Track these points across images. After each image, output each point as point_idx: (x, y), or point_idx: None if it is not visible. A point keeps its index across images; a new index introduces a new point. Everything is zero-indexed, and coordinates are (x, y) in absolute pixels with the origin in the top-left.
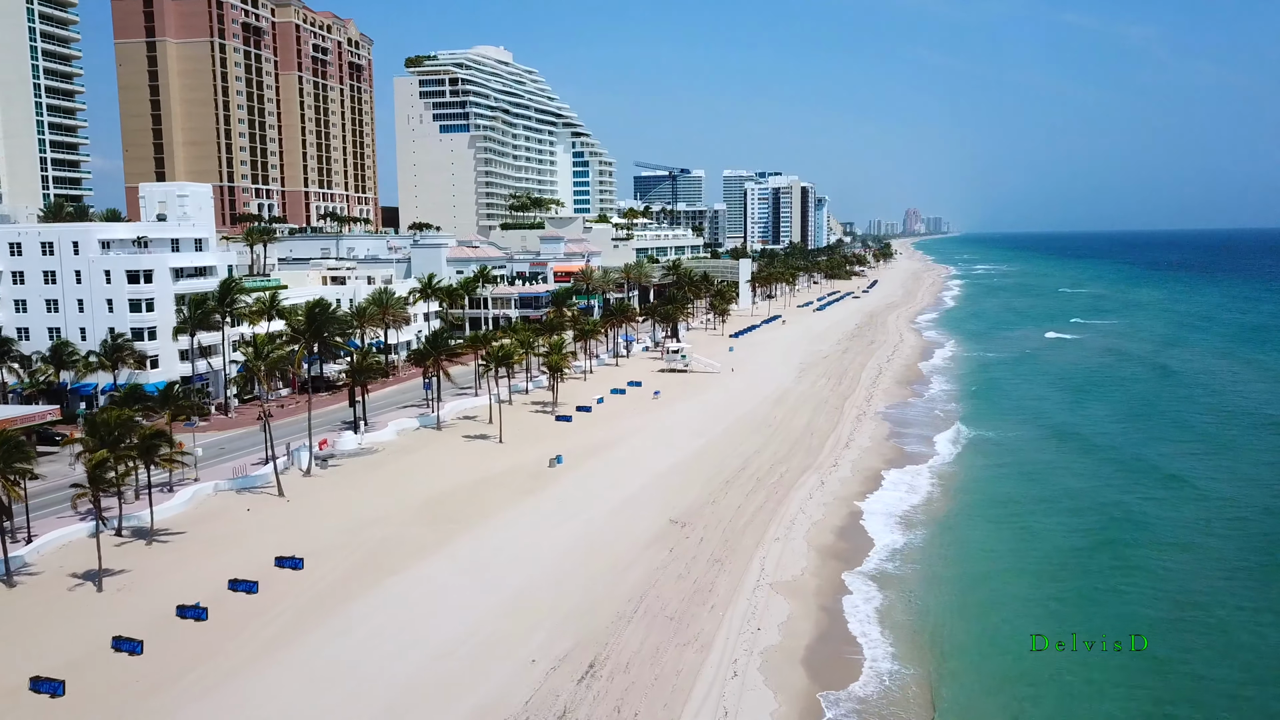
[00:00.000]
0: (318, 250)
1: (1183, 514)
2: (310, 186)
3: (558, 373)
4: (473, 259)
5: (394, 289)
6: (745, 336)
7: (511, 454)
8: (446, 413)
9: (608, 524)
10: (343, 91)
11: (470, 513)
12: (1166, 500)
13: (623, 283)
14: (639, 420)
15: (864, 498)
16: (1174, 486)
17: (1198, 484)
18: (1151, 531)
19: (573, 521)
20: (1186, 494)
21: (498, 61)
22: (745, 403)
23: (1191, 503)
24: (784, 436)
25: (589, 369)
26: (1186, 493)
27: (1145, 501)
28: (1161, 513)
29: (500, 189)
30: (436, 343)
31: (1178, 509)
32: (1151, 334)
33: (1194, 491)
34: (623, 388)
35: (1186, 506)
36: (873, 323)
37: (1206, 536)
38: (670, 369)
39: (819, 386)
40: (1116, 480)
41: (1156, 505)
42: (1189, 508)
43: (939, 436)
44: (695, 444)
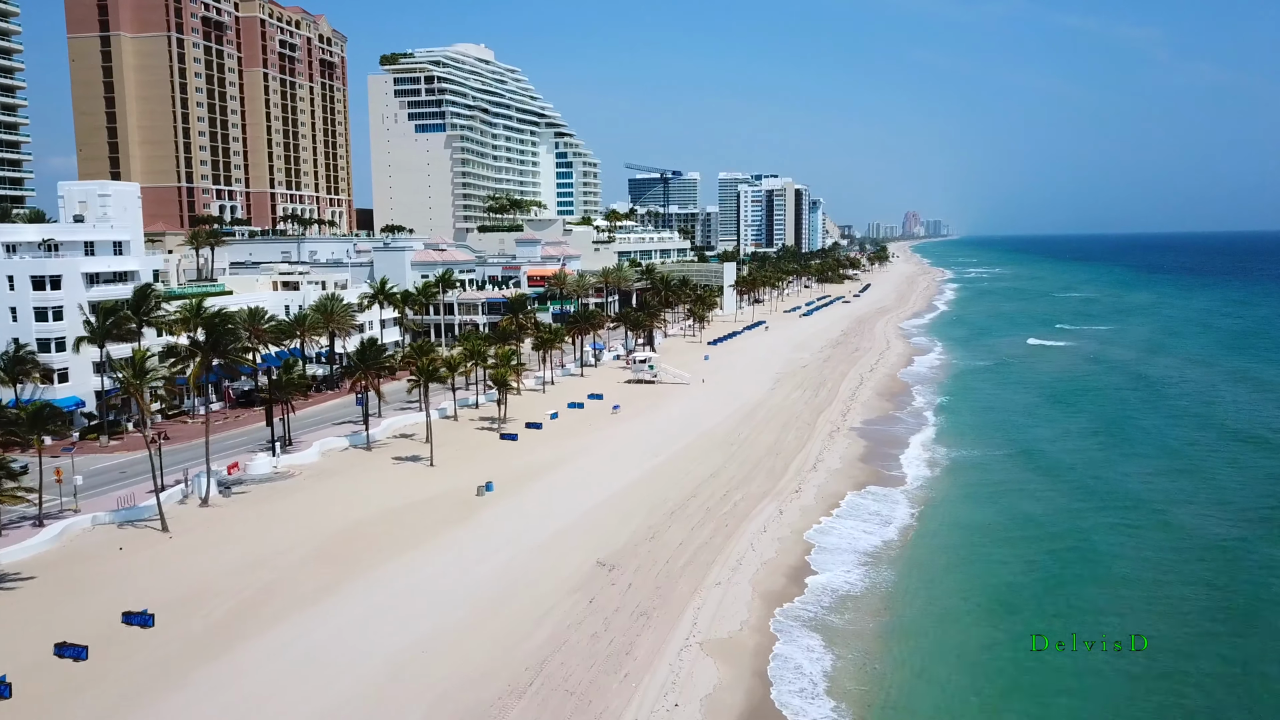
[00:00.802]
0: (278, 254)
1: (1159, 542)
2: (277, 188)
3: (505, 387)
4: (439, 263)
5: (343, 295)
6: (724, 344)
7: (441, 478)
8: (381, 430)
9: (529, 565)
10: (313, 90)
11: (379, 549)
12: (1146, 526)
13: (601, 287)
14: (591, 438)
15: (826, 531)
16: (1147, 511)
17: (1165, 506)
18: (1130, 561)
19: (490, 561)
20: (1156, 518)
21: (477, 60)
22: (711, 417)
23: (1160, 529)
24: (746, 456)
25: (550, 380)
26: (1156, 517)
27: (1125, 528)
28: (1141, 540)
29: (479, 190)
30: (365, 356)
31: (1156, 535)
32: (1136, 340)
33: (1161, 515)
34: (581, 401)
35: (1157, 532)
36: (860, 329)
37: (1187, 563)
38: (637, 380)
39: (793, 399)
40: (1096, 509)
41: (1135, 532)
42: (1158, 534)
43: (916, 457)
44: (647, 465)
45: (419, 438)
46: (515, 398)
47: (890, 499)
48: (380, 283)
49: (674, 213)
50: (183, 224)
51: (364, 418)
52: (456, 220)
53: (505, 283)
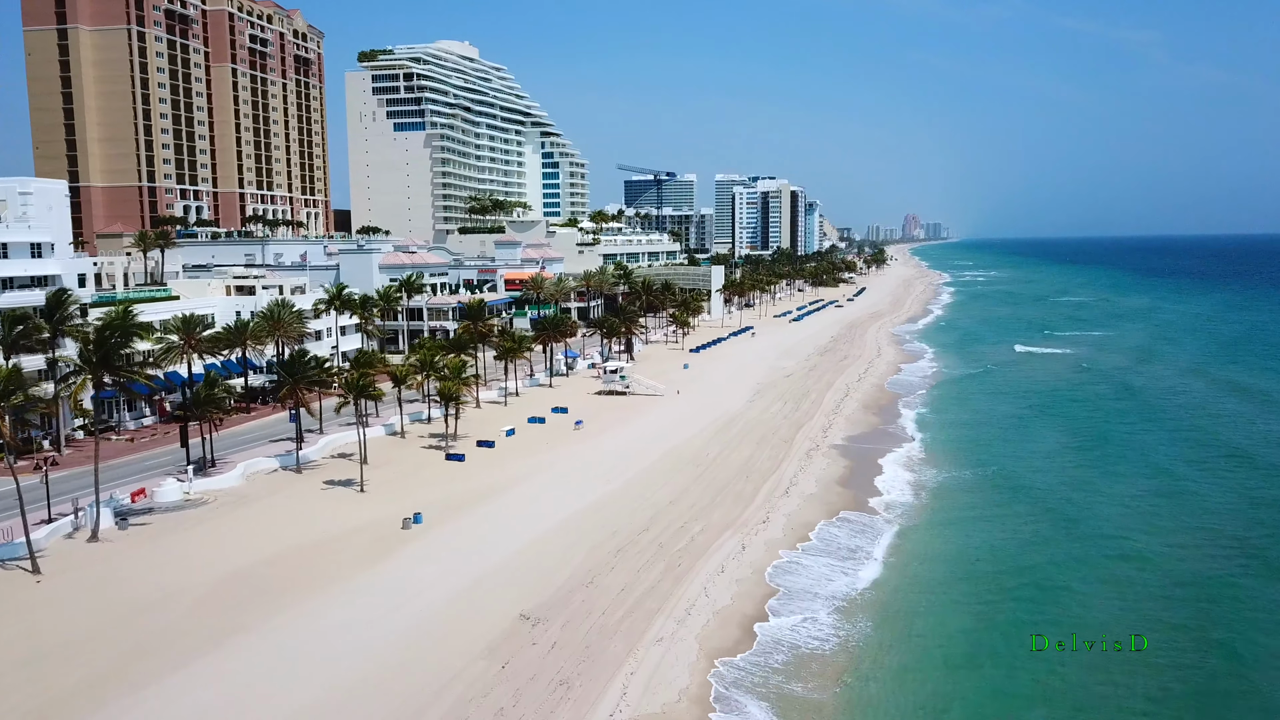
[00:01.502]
0: (241, 256)
1: (1147, 571)
2: (246, 188)
3: (453, 402)
4: (408, 266)
5: (295, 300)
6: (707, 351)
7: (370, 507)
8: (317, 450)
9: (443, 617)
10: (286, 87)
11: (280, 594)
12: (1132, 557)
13: (584, 291)
14: (546, 458)
15: (792, 570)
16: (1133, 542)
17: (1149, 532)
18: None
19: (400, 612)
20: (1141, 547)
21: (461, 57)
22: (680, 433)
23: (1143, 561)
24: (713, 479)
25: (515, 391)
26: (1141, 546)
27: (1108, 560)
28: (1128, 572)
29: (460, 191)
30: (293, 368)
31: (1140, 570)
32: (1129, 347)
33: (1145, 544)
34: (544, 415)
35: (1140, 567)
36: (851, 334)
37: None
38: (609, 391)
39: (773, 412)
40: (1080, 539)
41: (1119, 565)
42: (1143, 569)
43: (898, 479)
44: (601, 491)
45: (358, 458)
46: (474, 411)
47: (868, 529)
48: (336, 287)
49: (668, 214)
50: (144, 225)
51: (296, 436)
52: (436, 222)
53: (480, 286)
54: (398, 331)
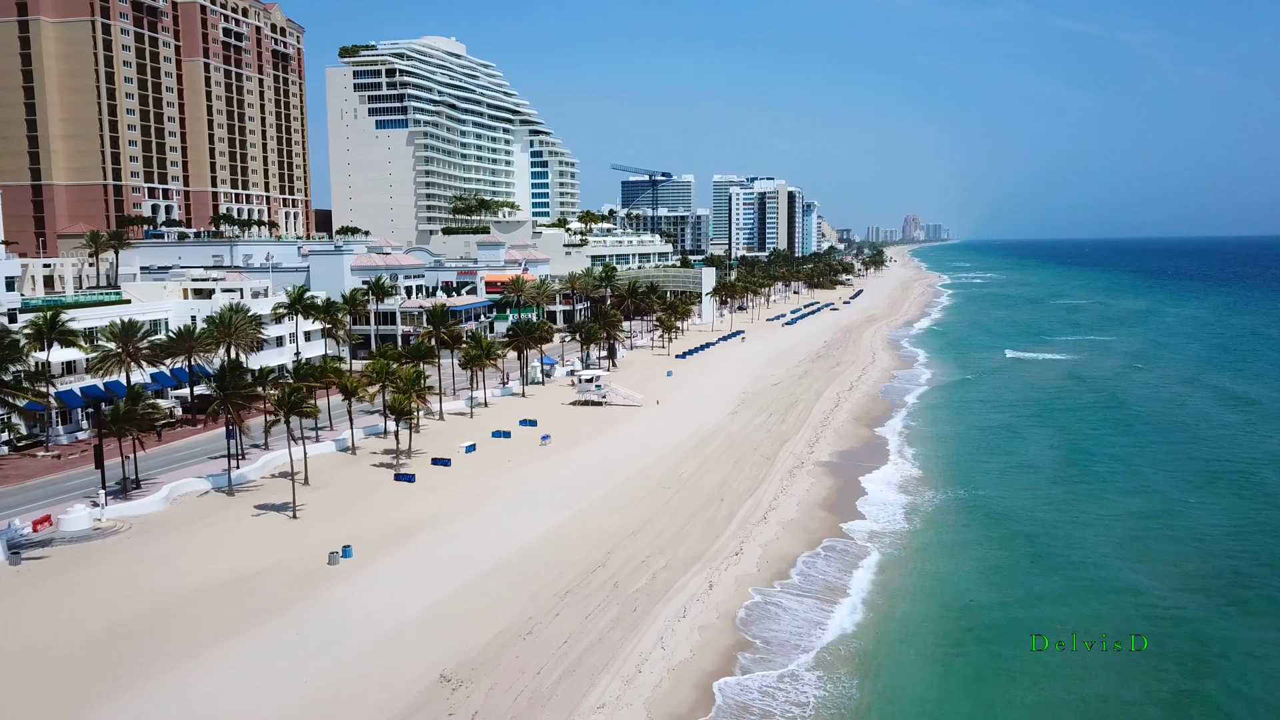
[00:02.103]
0: (209, 258)
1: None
2: (220, 186)
3: (404, 417)
4: (382, 267)
5: (250, 305)
6: (694, 357)
7: (299, 537)
8: (258, 468)
9: (349, 679)
10: (263, 82)
11: (178, 642)
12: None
13: (569, 293)
14: (504, 478)
15: (766, 613)
16: (1120, 574)
17: (1134, 563)
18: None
19: (305, 670)
20: (1128, 581)
21: (446, 53)
22: (655, 449)
23: (1133, 596)
24: (683, 505)
25: (484, 402)
26: (1127, 579)
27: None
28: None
29: (445, 190)
30: (225, 381)
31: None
32: (1122, 352)
33: (1134, 578)
34: (509, 429)
35: (1125, 603)
36: (845, 339)
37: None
38: (584, 401)
39: (756, 424)
40: (1069, 571)
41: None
42: (1129, 606)
43: (889, 501)
44: (557, 519)
45: (301, 476)
46: (437, 425)
47: (853, 561)
48: (298, 290)
49: (663, 215)
50: (109, 225)
51: (230, 455)
52: (420, 222)
53: (459, 289)
54: (368, 336)
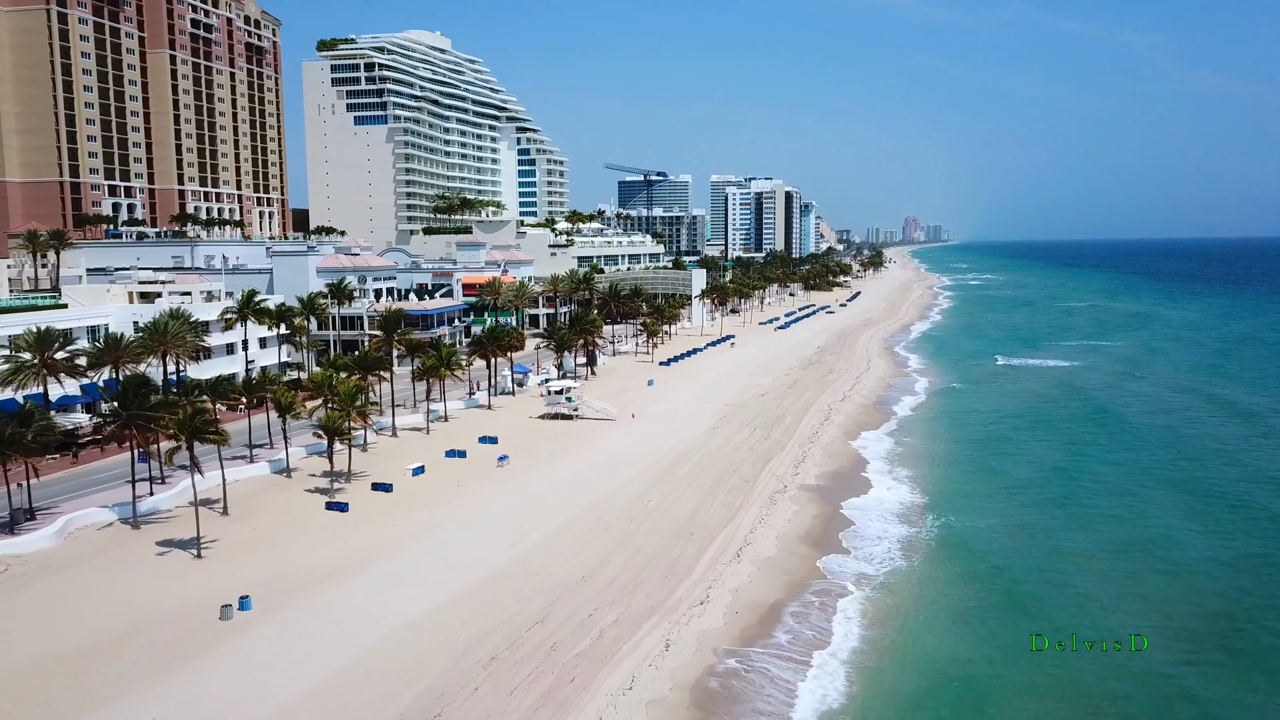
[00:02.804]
0: (169, 259)
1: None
2: (187, 184)
3: (337, 438)
4: (349, 269)
5: (192, 310)
6: (679, 364)
7: (201, 580)
8: (176, 494)
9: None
10: (235, 76)
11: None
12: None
13: (552, 296)
14: (447, 508)
15: (728, 681)
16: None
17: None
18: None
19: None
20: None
21: (430, 48)
22: (622, 472)
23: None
24: (645, 541)
25: (445, 415)
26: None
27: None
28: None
29: (426, 189)
30: (127, 399)
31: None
32: (1125, 358)
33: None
34: (465, 448)
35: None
36: (840, 344)
37: None
38: (554, 415)
39: (738, 441)
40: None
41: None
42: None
43: (880, 533)
44: (498, 559)
45: (219, 506)
46: (389, 442)
47: (838, 609)
48: (246, 294)
49: (658, 215)
50: (65, 224)
51: (133, 482)
52: (400, 222)
53: (435, 292)
54: (334, 342)
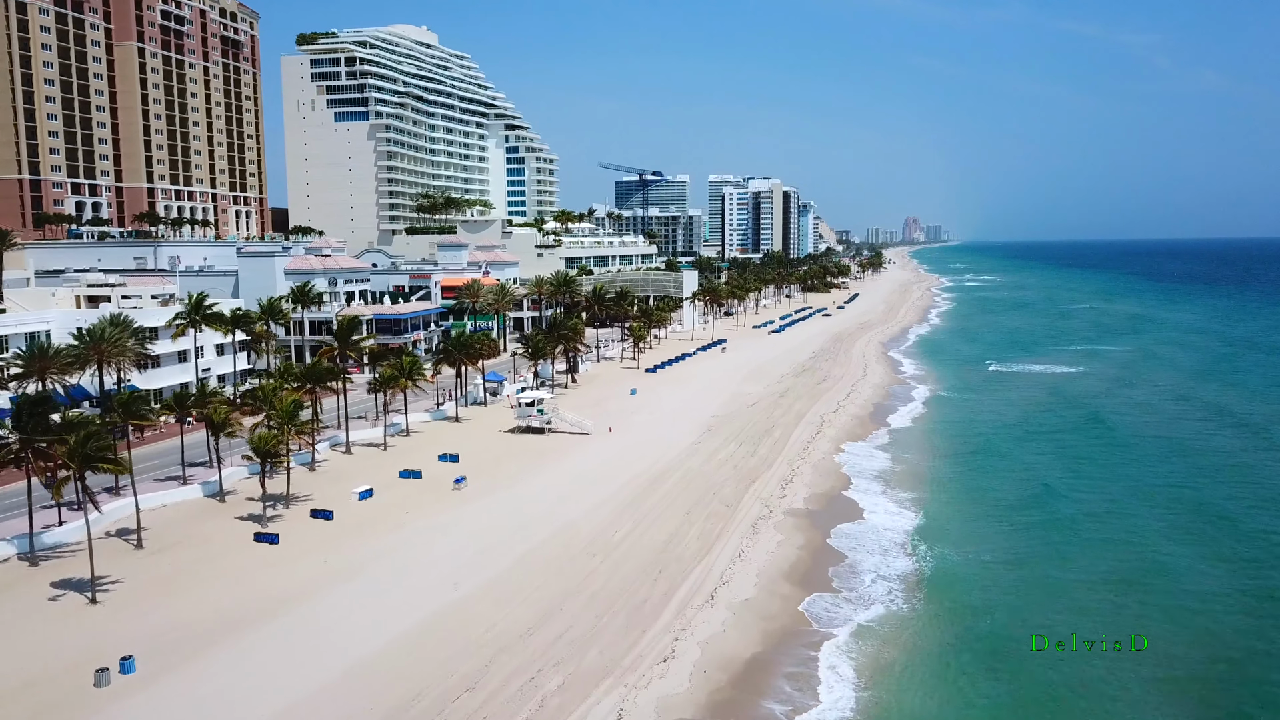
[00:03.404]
0: (131, 260)
1: None
2: (157, 182)
3: (270, 460)
4: (319, 271)
5: (134, 316)
6: (666, 371)
7: (88, 631)
8: (79, 528)
9: None
10: (209, 70)
11: None
12: None
13: (538, 299)
14: (388, 540)
15: None
16: None
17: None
18: None
19: None
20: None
21: (415, 42)
22: (591, 495)
23: None
24: (610, 578)
25: (406, 429)
26: None
27: None
28: None
29: (410, 188)
30: (21, 419)
31: None
32: (1131, 364)
33: None
34: (423, 466)
35: None
36: (837, 348)
37: None
38: (525, 429)
39: (722, 458)
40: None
41: None
42: None
43: (871, 568)
44: (434, 604)
45: (146, 532)
46: (341, 459)
47: (824, 666)
48: (195, 299)
49: (653, 216)
50: (25, 223)
51: (30, 514)
52: (382, 221)
53: (412, 295)
54: (302, 346)
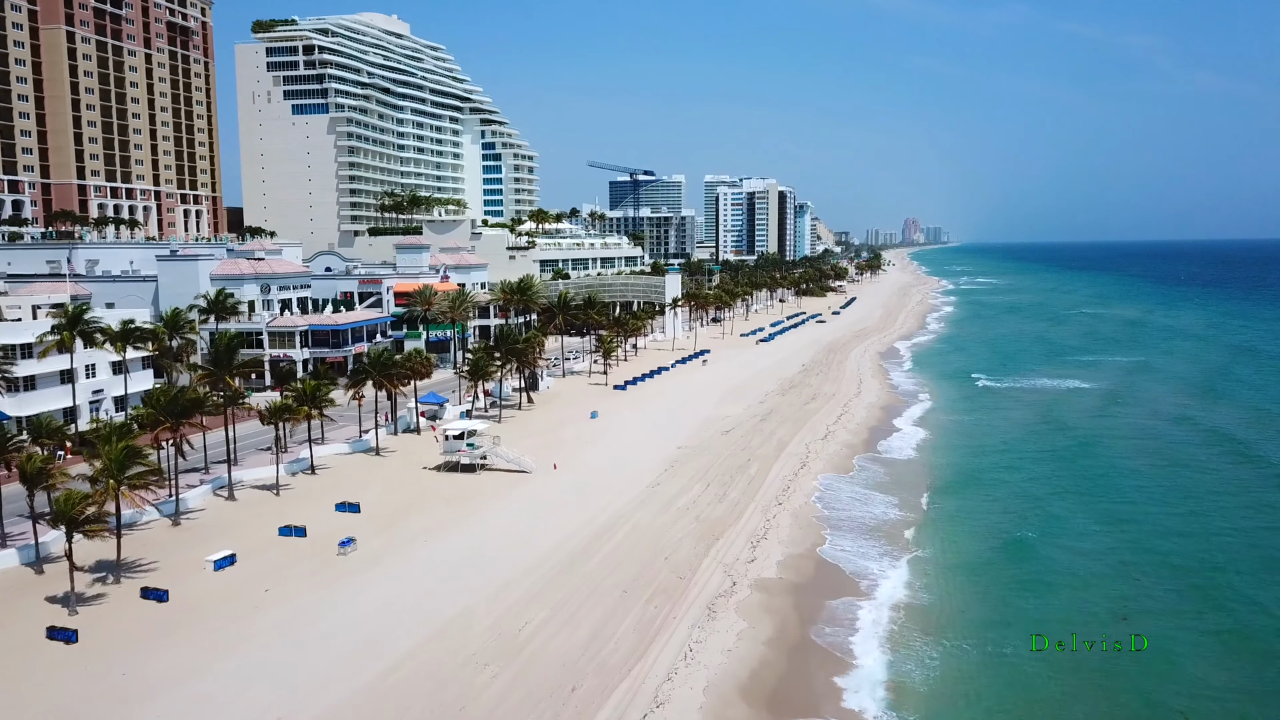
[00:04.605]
0: (44, 263)
1: None
2: (91, 179)
3: (78, 531)
4: (250, 276)
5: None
6: (638, 387)
7: None
8: None
9: None
10: (152, 58)
11: None
12: None
13: (505, 305)
14: (224, 637)
15: None
16: None
17: None
18: None
19: None
20: None
21: (384, 31)
22: (508, 563)
23: None
24: (497, 708)
25: (312, 466)
26: None
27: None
28: None
29: (375, 185)
30: None
31: None
32: (1151, 375)
33: None
34: (310, 521)
35: None
36: (829, 361)
37: None
38: (451, 466)
39: (682, 505)
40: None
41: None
42: None
43: (863, 679)
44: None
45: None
46: (223, 505)
47: None
48: (75, 310)
49: (645, 216)
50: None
51: None
52: (343, 221)
53: (361, 302)
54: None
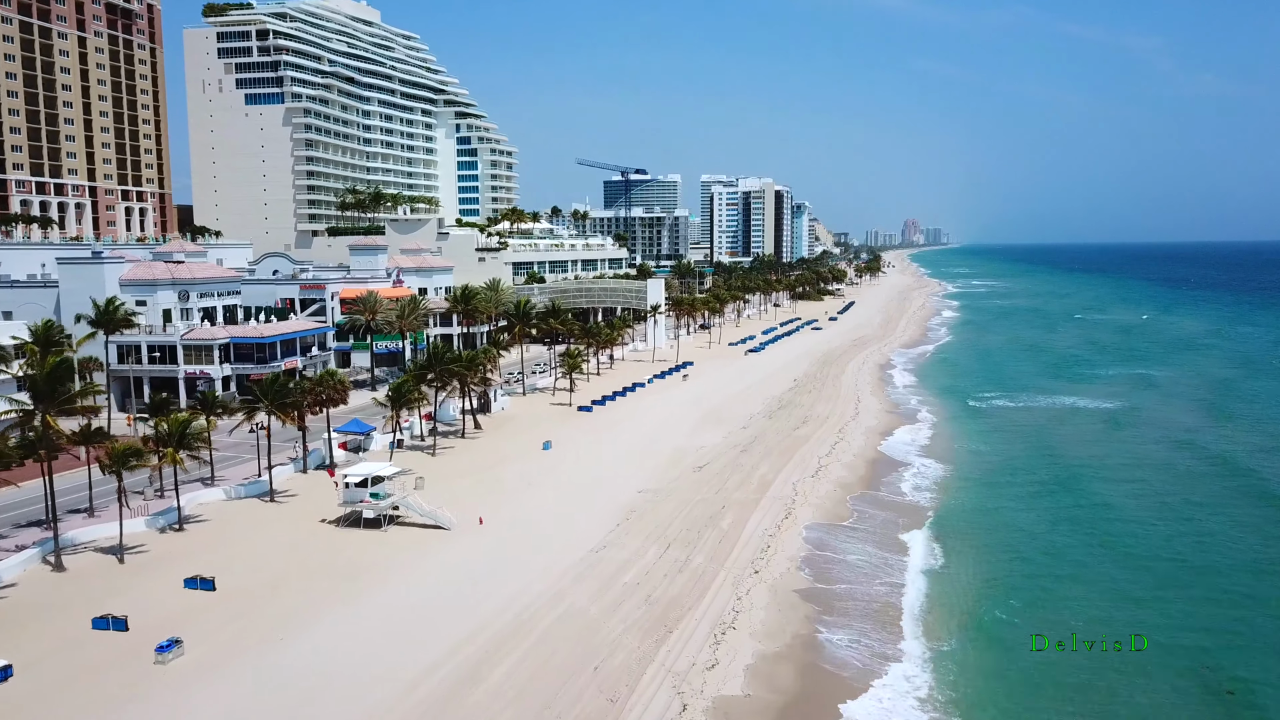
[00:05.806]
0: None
1: None
2: (12, 173)
3: None
4: (166, 282)
5: None
6: (605, 408)
7: None
8: None
9: None
10: (87, 42)
11: None
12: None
13: (470, 313)
14: None
15: None
16: None
17: None
18: None
19: None
20: None
21: (350, 18)
22: (380, 680)
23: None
24: None
25: (179, 520)
26: None
27: None
28: None
29: (336, 181)
30: None
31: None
32: (1185, 391)
33: None
34: (133, 610)
35: None
36: (824, 374)
37: None
38: (353, 520)
39: (631, 579)
40: None
41: None
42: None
43: None
44: None
45: None
46: (47, 580)
47: None
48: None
49: (637, 216)
50: None
51: None
52: (300, 221)
53: (303, 309)
54: (130, 382)
